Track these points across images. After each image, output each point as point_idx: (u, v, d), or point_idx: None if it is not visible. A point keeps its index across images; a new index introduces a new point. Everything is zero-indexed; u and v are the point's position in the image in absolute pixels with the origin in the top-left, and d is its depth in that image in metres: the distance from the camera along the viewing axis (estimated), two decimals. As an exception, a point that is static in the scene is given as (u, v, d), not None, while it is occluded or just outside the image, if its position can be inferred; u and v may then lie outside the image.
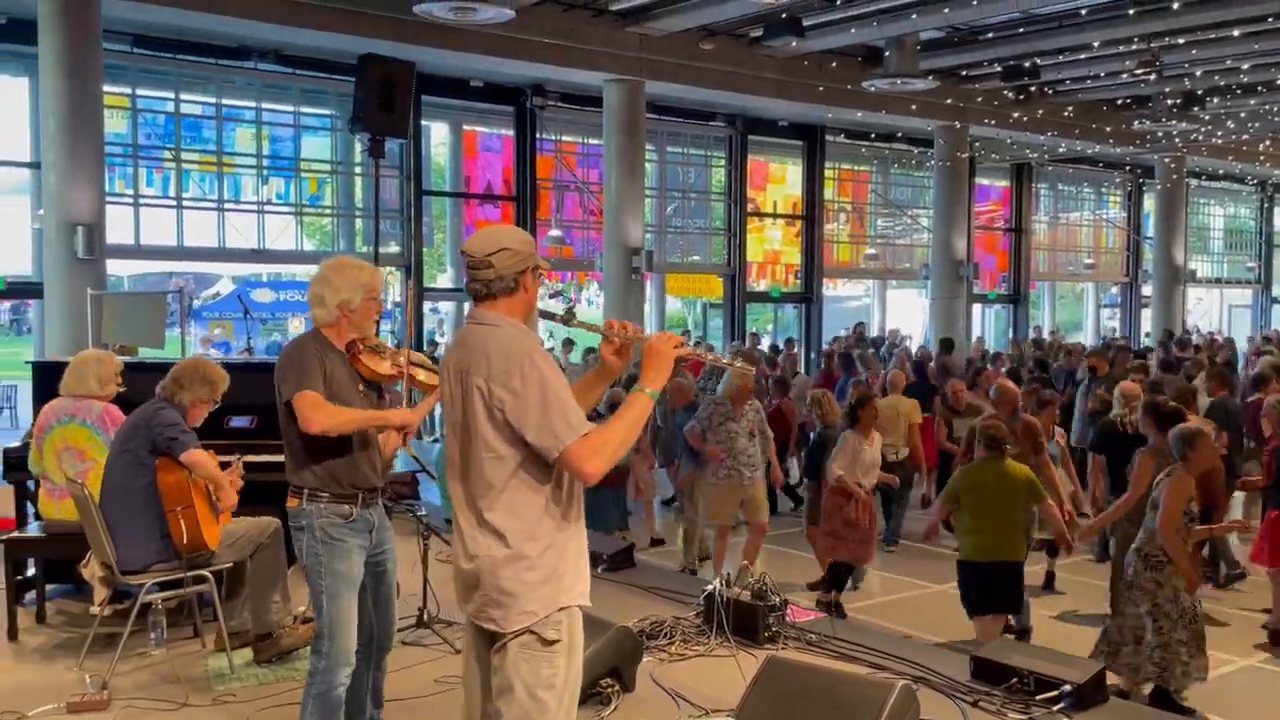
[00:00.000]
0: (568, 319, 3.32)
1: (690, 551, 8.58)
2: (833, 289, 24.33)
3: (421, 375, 4.00)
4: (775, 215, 21.90)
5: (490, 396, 2.80)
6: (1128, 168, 26.73)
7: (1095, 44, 16.10)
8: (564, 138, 18.47)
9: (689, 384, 10.03)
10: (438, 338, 18.72)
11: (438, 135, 18.21)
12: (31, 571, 6.07)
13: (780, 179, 22.03)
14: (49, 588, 6.12)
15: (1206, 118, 20.50)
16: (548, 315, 3.29)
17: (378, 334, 4.07)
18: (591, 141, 18.38)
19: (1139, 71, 16.92)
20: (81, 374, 5.68)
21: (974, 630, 6.45)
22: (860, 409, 7.66)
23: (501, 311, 2.92)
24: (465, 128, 18.01)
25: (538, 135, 17.77)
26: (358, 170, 16.53)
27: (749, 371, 6.10)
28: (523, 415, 2.77)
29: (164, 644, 5.27)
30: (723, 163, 20.53)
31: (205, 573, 5.03)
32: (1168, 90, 18.95)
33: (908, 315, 25.21)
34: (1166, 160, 24.44)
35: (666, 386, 8.72)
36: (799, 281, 21.77)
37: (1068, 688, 4.49)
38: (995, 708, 4.52)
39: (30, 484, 6.64)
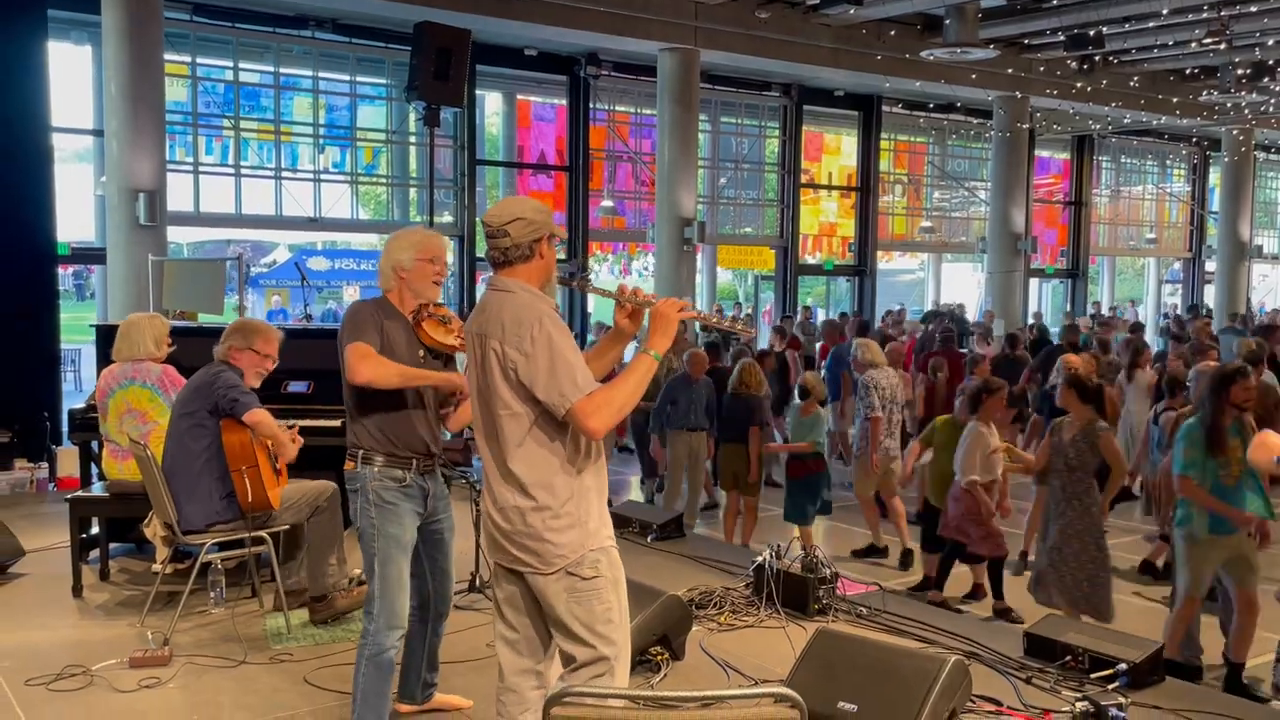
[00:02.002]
0: (583, 285, 3.63)
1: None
2: (887, 262, 24.07)
3: None
4: (829, 187, 21.68)
5: (504, 358, 2.96)
6: (1194, 140, 26.06)
7: (1163, 12, 15.65)
8: (617, 108, 18.38)
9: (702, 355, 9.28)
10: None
11: (491, 105, 18.23)
12: (95, 530, 6.24)
13: (835, 150, 21.78)
14: (112, 546, 6.28)
15: (1277, 89, 19.90)
16: (565, 282, 3.43)
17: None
18: (645, 111, 18.29)
19: (1207, 41, 16.45)
20: (135, 338, 5.77)
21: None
22: (987, 395, 6.74)
23: (519, 278, 3.06)
24: (519, 97, 18.01)
25: (591, 105, 17.71)
26: (412, 139, 16.61)
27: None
28: (533, 375, 2.92)
29: (223, 603, 5.40)
30: (777, 133, 20.33)
31: (264, 534, 5.12)
32: (1237, 60, 18.39)
33: (962, 289, 24.90)
34: (1234, 132, 23.79)
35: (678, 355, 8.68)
36: (852, 254, 21.56)
37: (1123, 666, 4.43)
38: (1049, 685, 4.47)
39: (94, 444, 6.81)
